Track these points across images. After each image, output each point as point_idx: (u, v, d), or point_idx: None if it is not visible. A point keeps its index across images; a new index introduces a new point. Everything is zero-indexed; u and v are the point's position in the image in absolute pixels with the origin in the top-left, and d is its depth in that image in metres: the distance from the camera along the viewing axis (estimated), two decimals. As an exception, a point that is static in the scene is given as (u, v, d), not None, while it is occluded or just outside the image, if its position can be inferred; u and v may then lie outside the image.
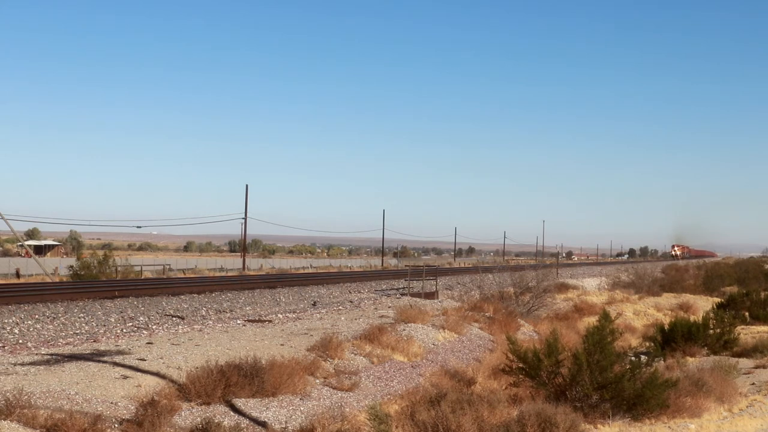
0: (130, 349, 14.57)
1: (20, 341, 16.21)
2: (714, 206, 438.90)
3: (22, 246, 72.52)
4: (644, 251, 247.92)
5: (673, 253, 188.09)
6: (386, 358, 17.08)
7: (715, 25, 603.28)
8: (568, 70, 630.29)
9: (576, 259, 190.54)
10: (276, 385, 12.57)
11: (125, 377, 12.06)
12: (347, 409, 12.61)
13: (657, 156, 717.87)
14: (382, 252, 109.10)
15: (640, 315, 40.39)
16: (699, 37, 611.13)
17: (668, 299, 47.58)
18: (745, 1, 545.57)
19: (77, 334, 17.81)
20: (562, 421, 10.75)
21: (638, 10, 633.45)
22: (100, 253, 50.50)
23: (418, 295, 32.09)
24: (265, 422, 11.32)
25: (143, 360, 13.40)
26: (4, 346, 15.25)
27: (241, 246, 79.86)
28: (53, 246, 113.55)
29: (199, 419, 10.53)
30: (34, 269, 50.29)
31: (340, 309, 26.08)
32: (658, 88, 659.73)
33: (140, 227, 68.20)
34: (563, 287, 47.93)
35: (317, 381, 14.18)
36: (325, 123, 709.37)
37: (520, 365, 14.20)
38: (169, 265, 65.39)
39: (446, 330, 21.92)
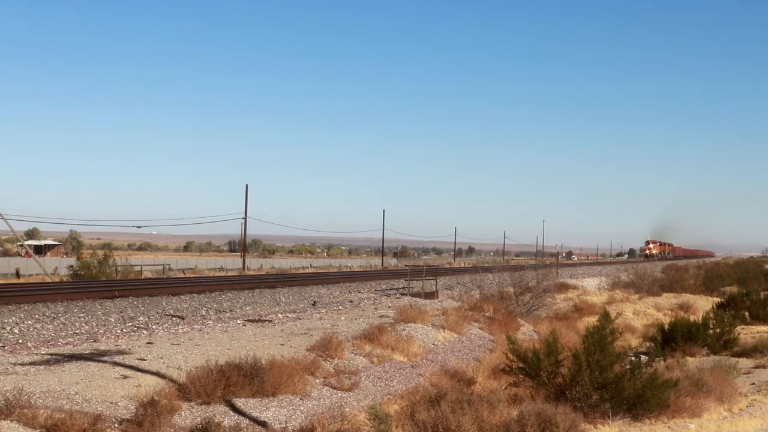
0: (130, 349, 14.57)
1: (20, 341, 16.21)
2: (714, 206, 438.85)
3: (22, 246, 72.56)
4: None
5: (648, 251, 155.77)
6: (386, 358, 17.09)
7: (715, 25, 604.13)
8: (568, 70, 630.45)
9: (576, 259, 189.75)
10: (276, 385, 12.58)
11: (125, 377, 12.06)
12: (347, 409, 12.61)
13: (657, 156, 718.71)
14: (382, 252, 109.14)
15: (640, 315, 40.40)
16: (700, 38, 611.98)
17: (668, 299, 47.58)
18: (746, 1, 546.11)
19: (77, 333, 17.80)
20: (562, 421, 10.75)
21: (638, 10, 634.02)
22: (100, 253, 50.60)
23: (418, 295, 32.08)
24: (265, 422, 11.33)
25: (143, 360, 13.40)
26: (4, 346, 15.25)
27: (241, 246, 79.87)
28: (53, 246, 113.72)
29: (199, 419, 10.54)
30: (34, 269, 50.30)
31: (340, 309, 26.08)
32: (659, 88, 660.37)
33: (140, 227, 68.50)
34: (563, 287, 47.95)
35: (317, 381, 14.18)
36: (325, 123, 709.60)
37: (520, 365, 14.20)
38: (169, 265, 65.41)
39: (446, 330, 21.92)
